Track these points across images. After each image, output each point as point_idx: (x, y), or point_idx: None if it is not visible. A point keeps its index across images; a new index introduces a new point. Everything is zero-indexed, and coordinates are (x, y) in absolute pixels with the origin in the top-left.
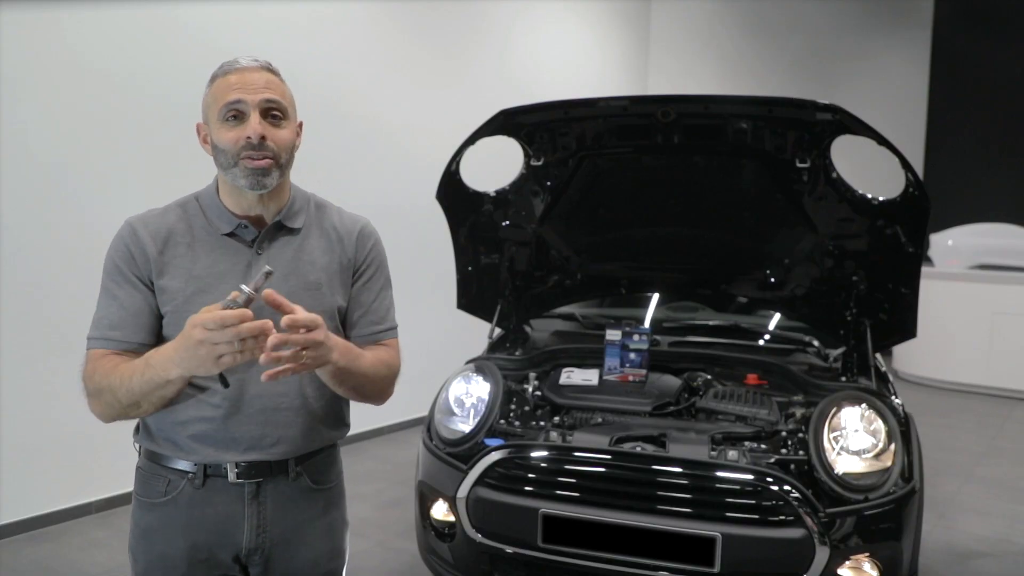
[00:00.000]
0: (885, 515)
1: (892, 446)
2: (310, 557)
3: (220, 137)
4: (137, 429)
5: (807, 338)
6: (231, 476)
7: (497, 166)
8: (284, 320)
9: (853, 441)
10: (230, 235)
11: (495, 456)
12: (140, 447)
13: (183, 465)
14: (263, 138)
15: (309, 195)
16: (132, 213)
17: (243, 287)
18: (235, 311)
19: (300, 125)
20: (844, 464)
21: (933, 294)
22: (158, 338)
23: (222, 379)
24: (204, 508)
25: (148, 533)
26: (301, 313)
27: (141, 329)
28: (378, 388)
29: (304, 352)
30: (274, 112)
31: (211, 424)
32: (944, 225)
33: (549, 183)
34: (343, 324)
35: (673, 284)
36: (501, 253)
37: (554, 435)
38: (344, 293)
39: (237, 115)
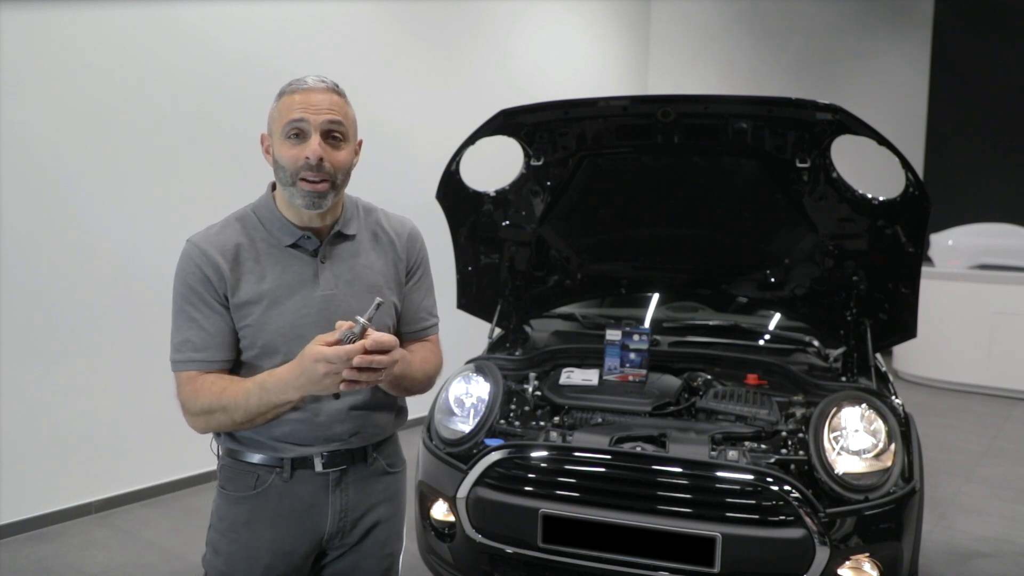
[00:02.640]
0: (885, 515)
1: (892, 446)
2: (380, 539)
3: (281, 154)
4: (217, 432)
5: (807, 338)
6: (318, 467)
7: (497, 166)
8: (370, 342)
9: (853, 441)
10: (293, 246)
11: (495, 456)
12: (220, 447)
13: (270, 460)
14: (321, 160)
15: (356, 199)
16: (132, 214)
17: (359, 319)
18: (356, 346)
19: (360, 144)
20: (844, 464)
21: (933, 294)
22: (238, 353)
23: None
24: (292, 499)
25: (235, 525)
26: (386, 336)
27: (223, 348)
28: (421, 386)
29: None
30: (335, 134)
31: (295, 426)
32: (944, 225)
33: (549, 183)
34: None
35: (673, 284)
36: (501, 253)
37: (554, 435)
38: (398, 292)
39: (299, 133)
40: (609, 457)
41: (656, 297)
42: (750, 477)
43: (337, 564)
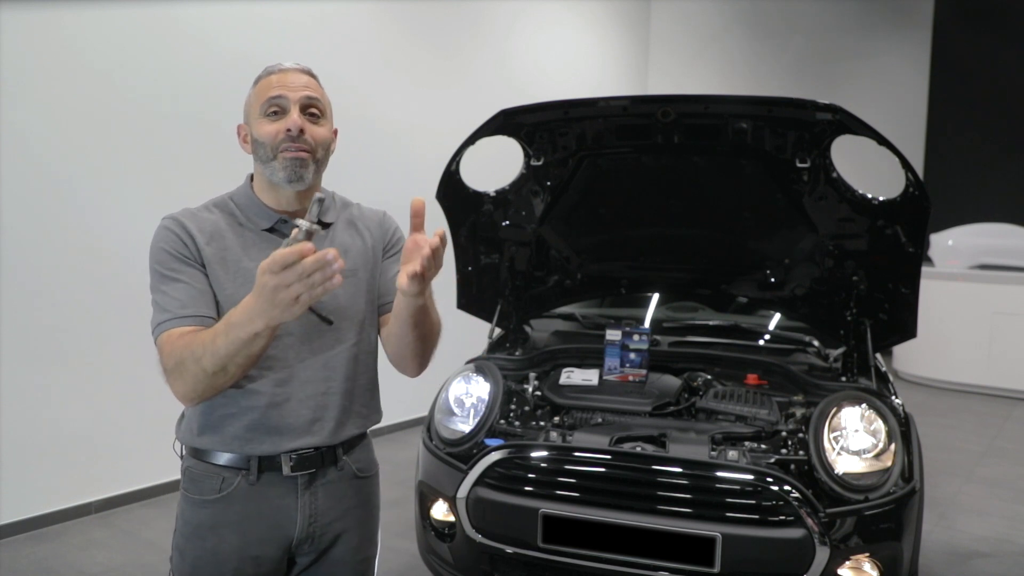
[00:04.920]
0: (885, 515)
1: (892, 446)
2: (351, 544)
3: (260, 131)
4: (179, 427)
5: (807, 338)
6: (286, 469)
7: (497, 166)
8: (439, 232)
9: (853, 441)
10: (270, 230)
11: (495, 456)
12: (183, 448)
13: (236, 461)
14: (302, 131)
15: (332, 192)
16: (132, 214)
17: (300, 222)
18: (294, 248)
19: (335, 132)
20: (844, 464)
21: (933, 294)
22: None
23: (321, 317)
24: (259, 503)
25: (200, 530)
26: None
27: (212, 305)
28: (433, 343)
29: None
30: (312, 110)
31: (264, 412)
32: (944, 225)
33: (549, 183)
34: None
35: (673, 284)
36: (501, 253)
37: (554, 435)
38: (375, 275)
39: (278, 110)
40: (609, 457)
41: (656, 297)
42: (750, 477)
43: (309, 573)
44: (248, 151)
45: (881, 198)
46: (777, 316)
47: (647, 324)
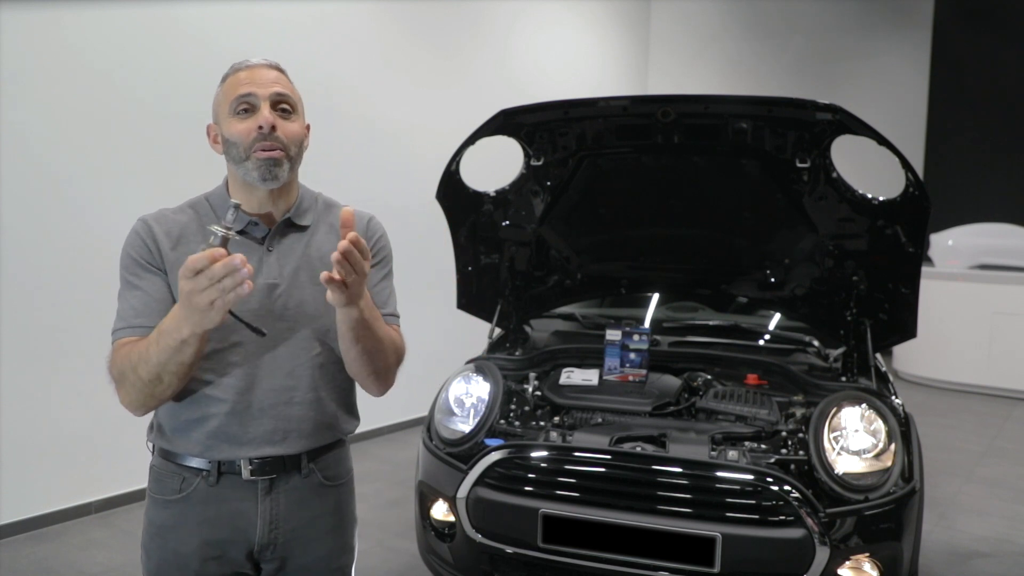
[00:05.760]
0: (885, 515)
1: (892, 446)
2: (321, 553)
3: (231, 130)
4: (151, 428)
5: (807, 338)
6: (245, 473)
7: (497, 166)
8: (351, 236)
9: (853, 441)
10: (240, 233)
11: (495, 456)
12: (153, 446)
13: (197, 463)
14: (273, 128)
15: (316, 194)
16: (132, 214)
17: (214, 228)
18: (204, 253)
19: (308, 128)
20: (844, 464)
21: (933, 294)
22: None
23: (252, 328)
24: (218, 505)
25: (162, 530)
26: (359, 239)
27: (166, 314)
28: (386, 363)
29: (353, 276)
30: (283, 106)
31: (225, 420)
32: (944, 225)
33: (549, 183)
34: None
35: (673, 284)
36: (501, 253)
37: (554, 435)
38: None
39: (248, 108)
40: (609, 457)
41: (656, 297)
42: (750, 477)
43: None
44: (219, 151)
45: (881, 198)
46: (777, 316)
47: (647, 324)
